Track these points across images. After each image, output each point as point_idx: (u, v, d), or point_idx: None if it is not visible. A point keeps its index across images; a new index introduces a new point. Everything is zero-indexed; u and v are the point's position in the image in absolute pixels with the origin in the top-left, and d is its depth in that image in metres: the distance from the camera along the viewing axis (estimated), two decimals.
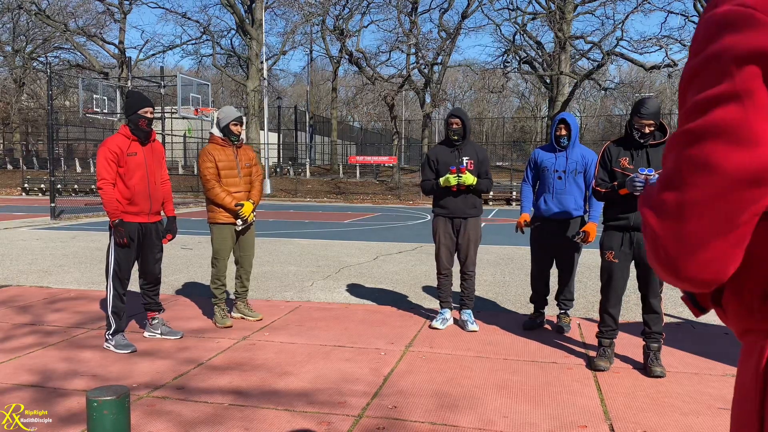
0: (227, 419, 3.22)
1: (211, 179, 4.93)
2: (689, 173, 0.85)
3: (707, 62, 0.83)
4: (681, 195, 0.85)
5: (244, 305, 5.29)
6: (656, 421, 3.24)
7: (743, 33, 0.79)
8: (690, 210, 0.84)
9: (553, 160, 4.87)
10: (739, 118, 0.80)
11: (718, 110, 0.81)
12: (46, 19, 34.12)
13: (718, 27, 0.82)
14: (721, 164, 0.82)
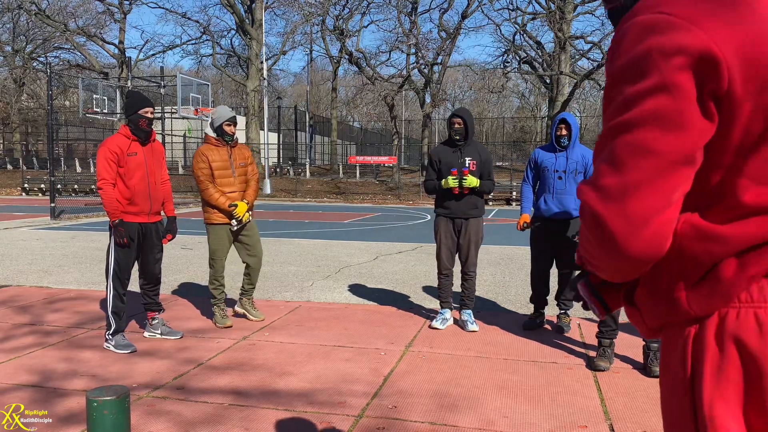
0: (227, 419, 3.22)
1: (204, 180, 4.93)
2: (630, 158, 0.94)
3: (636, 61, 0.94)
4: (623, 178, 0.94)
5: (249, 303, 5.28)
6: (656, 421, 3.24)
7: (666, 35, 0.92)
8: (633, 191, 0.94)
9: (553, 160, 4.86)
10: (670, 106, 0.92)
11: (650, 100, 0.93)
12: (46, 19, 34.11)
13: (642, 31, 0.95)
14: (658, 147, 0.93)
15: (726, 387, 0.97)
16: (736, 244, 0.98)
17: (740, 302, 0.98)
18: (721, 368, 0.97)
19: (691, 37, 0.91)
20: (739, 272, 0.97)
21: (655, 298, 1.07)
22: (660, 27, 0.94)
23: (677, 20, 0.93)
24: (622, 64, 0.97)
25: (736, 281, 0.97)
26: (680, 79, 0.92)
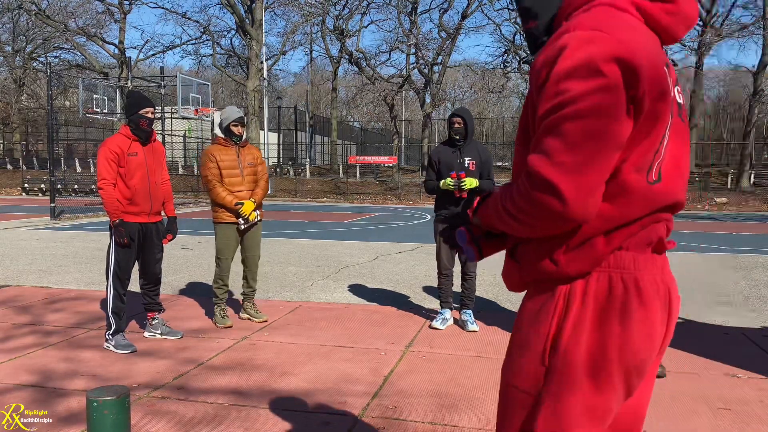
0: (227, 419, 3.22)
1: (212, 179, 4.95)
2: (582, 141, 1.15)
3: (581, 65, 1.15)
4: (577, 157, 1.15)
5: (251, 306, 5.29)
6: (656, 422, 3.24)
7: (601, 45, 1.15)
8: (584, 167, 1.15)
9: None
10: (612, 102, 1.14)
11: (596, 96, 1.14)
12: (46, 19, 34.10)
13: (583, 42, 1.17)
14: (603, 134, 1.15)
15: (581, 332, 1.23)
16: (613, 221, 1.21)
17: (601, 267, 1.23)
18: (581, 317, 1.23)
19: (622, 50, 1.15)
20: (607, 244, 1.23)
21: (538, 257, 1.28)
22: (598, 40, 1.16)
23: (610, 37, 1.16)
24: (568, 67, 1.17)
25: (604, 250, 1.22)
26: (616, 81, 1.14)
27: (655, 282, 1.26)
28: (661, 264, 1.30)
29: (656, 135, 1.21)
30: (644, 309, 1.23)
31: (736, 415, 3.33)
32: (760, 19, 26.83)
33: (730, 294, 6.72)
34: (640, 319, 1.22)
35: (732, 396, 3.61)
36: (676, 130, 1.29)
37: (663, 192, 1.25)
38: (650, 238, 1.26)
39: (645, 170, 1.22)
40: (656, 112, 1.20)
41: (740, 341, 4.80)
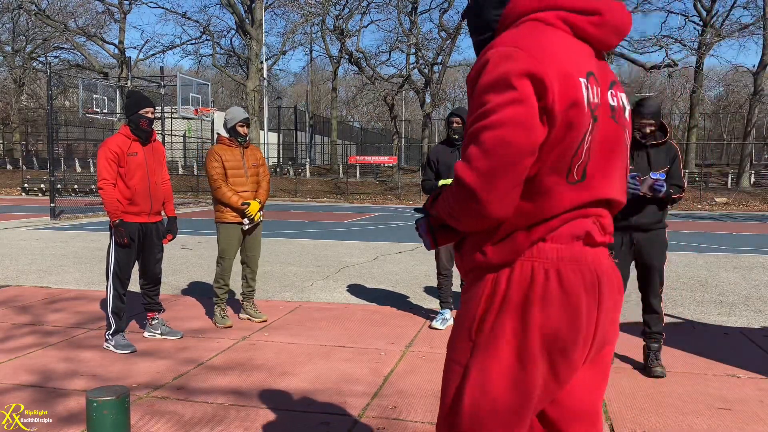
0: (227, 419, 3.22)
1: (217, 179, 4.96)
2: (495, 149, 1.29)
3: (498, 80, 1.30)
4: (491, 163, 1.29)
5: (251, 306, 5.29)
6: (656, 421, 3.24)
7: (515, 62, 1.29)
8: (498, 172, 1.30)
9: None
10: (523, 113, 1.28)
11: (509, 108, 1.28)
12: (46, 19, 34.10)
13: (501, 59, 1.31)
14: (514, 142, 1.28)
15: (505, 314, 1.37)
16: (532, 218, 1.35)
17: (524, 257, 1.36)
18: (505, 301, 1.37)
19: (535, 66, 1.28)
20: (527, 237, 1.36)
21: (471, 249, 1.45)
22: (513, 56, 1.30)
23: (525, 54, 1.30)
24: (487, 81, 1.32)
25: (524, 243, 1.36)
26: (528, 94, 1.28)
27: (581, 273, 1.36)
28: (593, 257, 1.39)
29: (571, 140, 1.33)
30: (566, 296, 1.34)
31: (736, 415, 3.33)
32: (760, 19, 26.82)
33: (730, 294, 6.72)
34: (561, 306, 1.34)
35: (732, 396, 3.61)
36: (607, 132, 1.39)
37: (585, 191, 1.36)
38: (575, 232, 1.37)
39: (564, 172, 1.34)
40: (569, 120, 1.31)
41: (740, 341, 4.80)
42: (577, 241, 1.38)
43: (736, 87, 39.47)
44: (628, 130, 1.48)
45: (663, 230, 3.99)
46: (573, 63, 1.33)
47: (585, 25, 1.39)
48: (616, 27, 1.41)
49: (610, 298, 1.43)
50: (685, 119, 40.10)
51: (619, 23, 1.41)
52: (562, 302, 1.34)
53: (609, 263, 1.46)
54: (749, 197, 24.70)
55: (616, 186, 1.44)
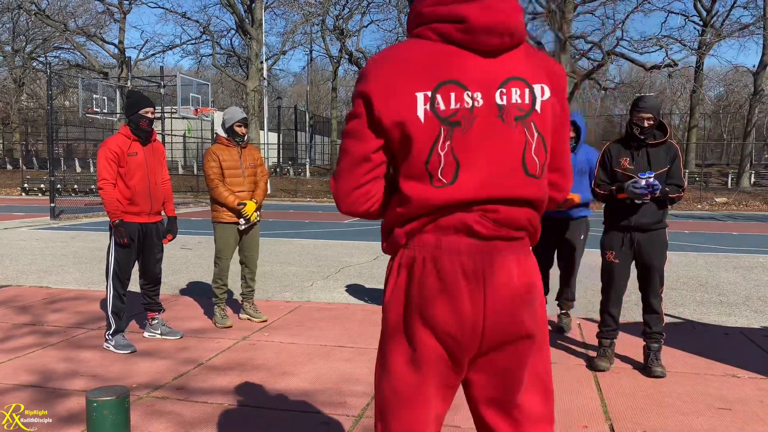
0: (227, 419, 3.22)
1: (214, 179, 4.96)
2: (340, 155, 1.55)
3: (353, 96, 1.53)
4: (338, 167, 1.56)
5: (250, 306, 5.30)
6: (656, 421, 3.24)
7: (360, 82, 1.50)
8: (343, 174, 1.54)
9: None
10: (358, 127, 1.49)
11: (351, 122, 1.51)
12: (46, 19, 34.10)
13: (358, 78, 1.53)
14: (350, 150, 1.51)
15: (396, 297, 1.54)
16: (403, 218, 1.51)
17: (408, 247, 1.52)
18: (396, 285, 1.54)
19: (365, 86, 1.47)
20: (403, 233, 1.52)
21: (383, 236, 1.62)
22: (360, 76, 1.51)
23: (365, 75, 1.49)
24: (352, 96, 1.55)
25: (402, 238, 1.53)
26: (360, 110, 1.48)
27: (460, 261, 1.46)
28: (478, 248, 1.47)
29: (417, 150, 1.44)
30: (442, 283, 1.46)
31: (736, 415, 3.33)
32: (760, 19, 26.82)
33: (730, 294, 6.72)
34: (437, 290, 1.47)
35: (732, 396, 3.61)
36: (489, 133, 1.45)
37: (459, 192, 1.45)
38: (455, 225, 1.47)
39: (425, 178, 1.45)
40: (402, 132, 1.45)
41: (740, 341, 4.80)
42: (457, 233, 1.47)
43: (736, 87, 39.47)
44: (534, 124, 1.48)
45: (663, 230, 3.98)
46: (412, 78, 1.44)
47: (452, 33, 1.44)
48: (488, 27, 1.42)
49: (505, 291, 1.47)
50: (685, 119, 40.10)
51: (491, 23, 1.42)
52: (439, 287, 1.46)
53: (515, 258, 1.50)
54: (749, 197, 24.71)
55: (508, 183, 1.47)
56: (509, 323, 1.50)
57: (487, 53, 1.46)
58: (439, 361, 1.52)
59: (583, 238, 4.92)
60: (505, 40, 1.45)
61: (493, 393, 1.58)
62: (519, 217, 1.50)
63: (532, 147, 1.48)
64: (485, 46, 1.44)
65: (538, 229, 1.57)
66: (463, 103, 1.43)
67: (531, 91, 1.47)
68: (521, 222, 1.51)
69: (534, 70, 1.49)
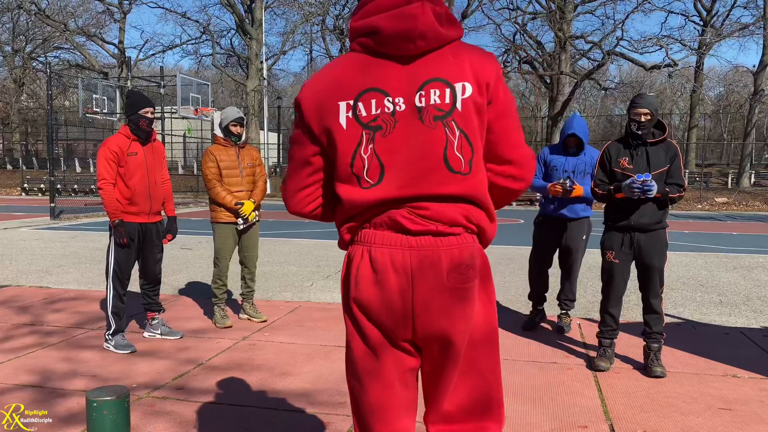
0: (227, 419, 3.22)
1: (212, 179, 4.96)
2: (288, 160, 1.69)
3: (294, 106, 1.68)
4: (287, 170, 1.70)
5: (250, 306, 5.29)
6: (656, 421, 3.24)
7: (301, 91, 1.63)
8: (288, 177, 1.69)
9: (563, 160, 4.84)
10: (298, 134, 1.64)
11: (294, 131, 1.66)
12: (46, 19, 34.10)
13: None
14: (293, 155, 1.66)
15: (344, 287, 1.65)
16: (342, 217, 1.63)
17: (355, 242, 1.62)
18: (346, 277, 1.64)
19: (300, 98, 1.61)
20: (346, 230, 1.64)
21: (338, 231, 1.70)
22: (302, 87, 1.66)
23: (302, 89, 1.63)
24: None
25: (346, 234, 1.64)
26: (299, 119, 1.62)
27: (390, 254, 1.54)
28: (408, 242, 1.54)
29: (341, 154, 1.54)
30: (374, 273, 1.55)
31: (736, 415, 3.33)
32: (760, 19, 26.82)
33: (730, 294, 6.72)
34: (370, 280, 1.56)
35: (732, 396, 3.61)
36: (412, 133, 1.51)
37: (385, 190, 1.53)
38: (385, 221, 1.55)
39: (353, 180, 1.55)
40: (327, 138, 1.56)
41: (740, 341, 4.80)
42: (388, 229, 1.56)
43: (736, 87, 39.47)
44: (455, 122, 1.51)
45: (663, 230, 3.98)
46: (336, 89, 1.55)
47: (371, 45, 1.53)
48: (399, 35, 1.48)
49: (432, 282, 1.53)
50: (685, 119, 40.09)
51: (401, 30, 1.48)
52: (372, 277, 1.55)
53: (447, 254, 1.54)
54: (749, 197, 24.70)
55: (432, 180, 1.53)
56: (438, 318, 1.55)
57: (405, 59, 1.52)
58: (383, 344, 1.61)
59: (585, 239, 4.92)
60: (419, 44, 1.50)
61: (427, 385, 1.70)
62: (450, 214, 1.54)
63: (454, 144, 1.51)
64: (401, 51, 1.51)
65: (484, 226, 1.60)
66: (384, 108, 1.51)
67: (452, 90, 1.50)
68: (454, 218, 1.54)
69: (457, 69, 1.51)
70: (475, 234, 1.59)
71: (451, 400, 1.66)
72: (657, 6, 28.06)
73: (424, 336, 1.58)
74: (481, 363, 1.62)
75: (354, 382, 1.68)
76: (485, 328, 1.61)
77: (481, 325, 1.60)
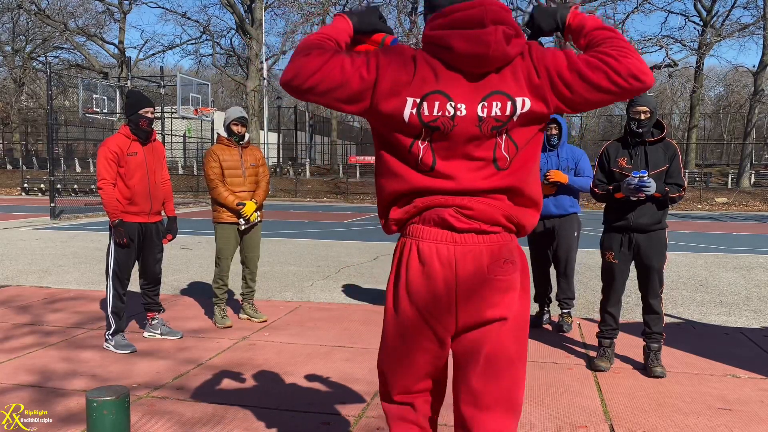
0: (227, 419, 3.22)
1: (214, 179, 4.96)
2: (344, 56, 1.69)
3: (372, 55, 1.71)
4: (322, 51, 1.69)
5: (250, 306, 5.29)
6: (656, 421, 3.24)
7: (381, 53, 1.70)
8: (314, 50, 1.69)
9: (545, 160, 4.90)
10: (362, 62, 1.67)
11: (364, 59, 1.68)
12: (46, 19, 34.11)
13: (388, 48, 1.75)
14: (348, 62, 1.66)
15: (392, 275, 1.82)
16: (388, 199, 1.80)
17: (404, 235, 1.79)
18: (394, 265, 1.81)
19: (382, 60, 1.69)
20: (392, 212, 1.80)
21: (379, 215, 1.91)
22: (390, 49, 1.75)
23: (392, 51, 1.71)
24: None
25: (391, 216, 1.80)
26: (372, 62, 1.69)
27: (437, 248, 1.69)
28: (452, 238, 1.69)
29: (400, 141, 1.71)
30: (422, 264, 1.70)
31: (736, 415, 3.33)
32: (760, 19, 26.82)
33: (730, 294, 6.72)
34: (418, 269, 1.71)
35: (732, 396, 3.61)
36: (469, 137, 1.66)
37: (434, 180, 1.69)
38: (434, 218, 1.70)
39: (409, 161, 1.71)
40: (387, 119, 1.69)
41: (740, 341, 4.80)
42: (435, 226, 1.70)
43: (736, 87, 39.48)
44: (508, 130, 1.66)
45: (663, 231, 3.98)
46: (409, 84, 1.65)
47: (443, 56, 1.64)
48: (470, 57, 1.61)
49: (474, 275, 1.68)
50: (685, 119, 40.07)
51: (473, 53, 1.60)
52: (420, 268, 1.71)
53: (485, 249, 1.69)
54: (749, 197, 24.70)
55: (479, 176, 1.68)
56: (482, 306, 1.70)
57: (474, 75, 1.64)
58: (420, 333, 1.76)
59: (576, 235, 4.98)
60: (486, 68, 1.63)
61: (462, 371, 1.78)
62: (492, 213, 1.70)
63: (502, 146, 1.67)
64: (470, 69, 1.63)
65: (524, 223, 1.75)
66: (445, 111, 1.64)
67: (513, 103, 1.64)
68: (495, 218, 1.70)
69: (518, 84, 1.64)
70: (513, 233, 1.76)
71: (484, 387, 1.75)
72: (657, 6, 27.99)
73: (468, 321, 1.72)
74: (511, 350, 1.73)
75: (386, 368, 1.88)
76: (519, 318, 1.75)
77: (516, 315, 1.74)
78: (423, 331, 1.75)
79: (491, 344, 1.72)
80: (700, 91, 31.02)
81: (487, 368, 1.72)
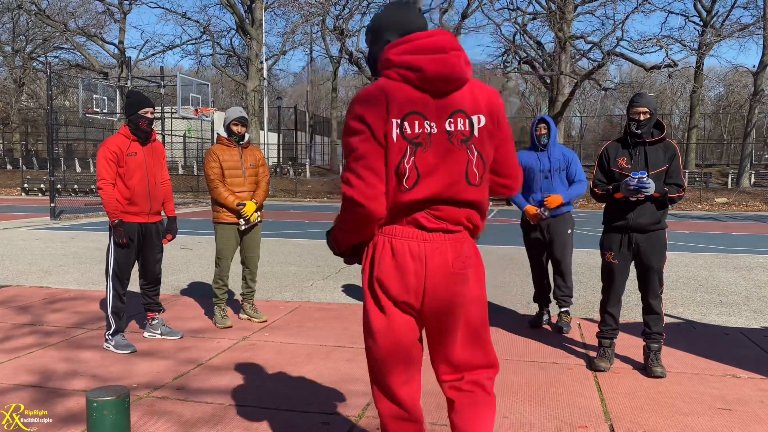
0: (227, 419, 3.22)
1: (214, 179, 4.95)
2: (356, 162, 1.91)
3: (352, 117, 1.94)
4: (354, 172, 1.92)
5: (250, 306, 5.29)
6: (656, 421, 3.24)
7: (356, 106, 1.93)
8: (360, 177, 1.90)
9: (537, 161, 4.92)
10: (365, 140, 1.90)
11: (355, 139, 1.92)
12: (46, 19, 34.09)
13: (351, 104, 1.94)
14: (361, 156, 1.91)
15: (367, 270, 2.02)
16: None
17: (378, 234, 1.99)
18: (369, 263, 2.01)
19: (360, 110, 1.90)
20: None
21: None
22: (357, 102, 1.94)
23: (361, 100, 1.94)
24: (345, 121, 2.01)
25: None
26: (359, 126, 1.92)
27: (408, 244, 1.93)
28: (423, 236, 1.94)
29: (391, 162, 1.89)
30: (394, 259, 1.94)
31: (736, 415, 3.33)
32: (760, 19, 26.82)
33: (730, 294, 6.72)
34: (390, 264, 1.94)
35: (732, 396, 3.61)
36: (444, 151, 1.90)
37: (416, 194, 1.90)
38: (408, 219, 1.94)
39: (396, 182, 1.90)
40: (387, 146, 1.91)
41: (740, 341, 4.80)
42: (409, 225, 1.94)
43: (736, 87, 39.47)
44: (474, 145, 1.93)
45: (663, 231, 3.98)
46: (388, 108, 1.86)
47: (413, 79, 1.87)
48: (440, 77, 1.86)
49: (440, 269, 1.94)
50: (685, 119, 40.08)
51: (442, 74, 1.86)
52: (391, 263, 1.94)
53: (449, 246, 1.96)
54: (749, 197, 24.70)
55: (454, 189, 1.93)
56: (444, 293, 1.96)
57: (439, 94, 1.89)
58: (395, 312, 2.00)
59: (570, 233, 5.00)
60: (453, 86, 1.90)
61: (436, 345, 2.08)
62: (456, 216, 1.96)
63: (473, 162, 1.94)
64: (437, 89, 1.88)
65: (479, 225, 2.03)
66: (424, 129, 1.88)
67: (470, 121, 1.92)
68: (458, 219, 1.97)
69: (474, 103, 1.93)
70: (470, 230, 2.02)
71: (455, 353, 2.08)
72: (657, 6, 28.03)
73: (433, 308, 1.98)
74: (474, 319, 2.06)
75: (370, 341, 2.04)
76: (476, 294, 2.05)
77: (474, 295, 2.04)
78: (398, 313, 1.99)
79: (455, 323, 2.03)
80: (700, 92, 31.02)
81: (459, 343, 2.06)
